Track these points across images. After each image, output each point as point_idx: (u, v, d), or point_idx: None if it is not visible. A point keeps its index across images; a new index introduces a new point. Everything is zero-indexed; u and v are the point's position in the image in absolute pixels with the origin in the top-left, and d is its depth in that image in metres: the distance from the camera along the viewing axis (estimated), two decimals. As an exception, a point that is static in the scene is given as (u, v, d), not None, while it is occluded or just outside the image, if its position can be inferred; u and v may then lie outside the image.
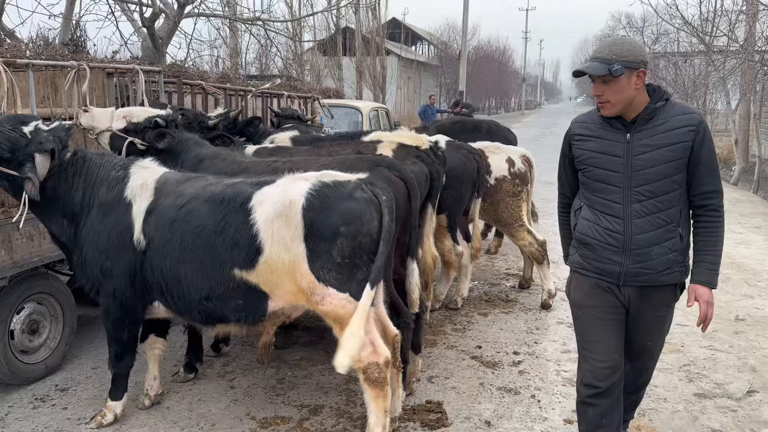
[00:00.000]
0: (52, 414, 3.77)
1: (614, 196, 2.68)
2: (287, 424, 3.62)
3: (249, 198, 3.14)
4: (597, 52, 2.65)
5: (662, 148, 2.61)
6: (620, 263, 2.69)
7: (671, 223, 2.65)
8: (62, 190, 3.42)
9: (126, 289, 3.40)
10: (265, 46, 17.05)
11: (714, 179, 2.66)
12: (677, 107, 2.69)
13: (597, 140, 2.72)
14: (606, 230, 2.70)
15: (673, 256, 2.67)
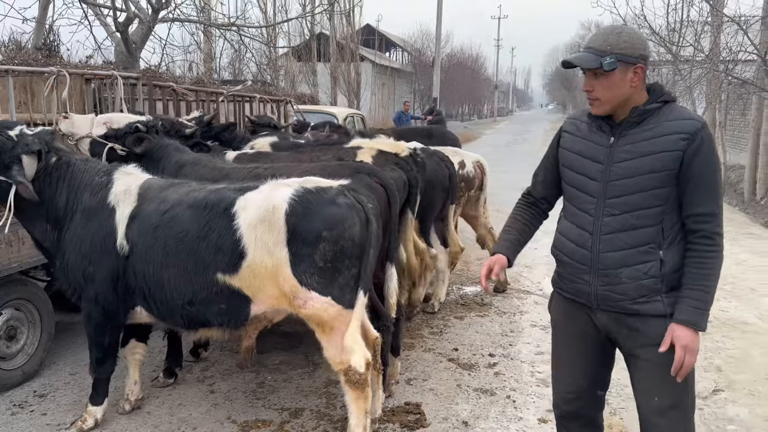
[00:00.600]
0: (31, 420, 3.76)
1: (587, 207, 2.37)
2: (268, 427, 3.67)
3: (232, 203, 3.19)
4: (591, 42, 2.29)
5: (646, 156, 2.24)
6: (589, 283, 2.38)
7: (648, 244, 2.27)
8: (47, 195, 3.44)
9: (108, 294, 3.42)
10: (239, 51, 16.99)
11: (709, 200, 2.23)
12: (677, 111, 2.29)
13: (581, 141, 2.41)
14: (575, 245, 2.40)
15: (650, 282, 2.27)
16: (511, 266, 2.59)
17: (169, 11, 12.82)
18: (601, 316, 2.40)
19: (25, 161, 3.30)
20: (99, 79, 4.91)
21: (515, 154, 23.58)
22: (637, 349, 2.36)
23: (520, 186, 2.85)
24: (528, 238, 2.64)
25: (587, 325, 2.46)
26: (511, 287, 6.55)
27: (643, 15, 15.21)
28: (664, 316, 2.27)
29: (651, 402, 2.35)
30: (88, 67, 5.74)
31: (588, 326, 2.46)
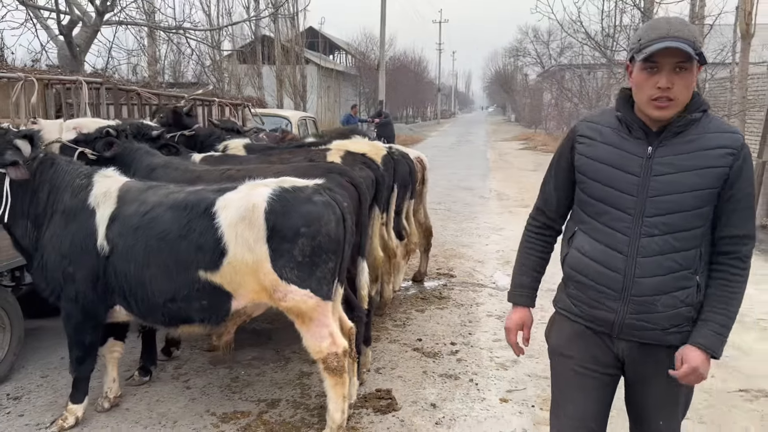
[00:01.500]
0: (9, 421, 3.80)
1: (620, 225, 2.09)
2: (247, 417, 3.83)
3: (212, 203, 3.35)
4: (674, 30, 1.96)
5: (690, 172, 2.02)
6: (615, 311, 2.11)
7: (688, 269, 2.06)
8: (30, 189, 3.51)
9: (88, 293, 3.52)
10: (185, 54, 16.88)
11: (749, 222, 2.09)
12: (715, 122, 2.09)
13: (608, 149, 2.12)
14: (603, 266, 2.12)
15: (685, 311, 2.08)
16: None
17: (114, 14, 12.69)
18: (620, 343, 2.17)
19: (18, 143, 3.45)
20: (61, 84, 4.94)
21: (461, 155, 24.16)
22: (651, 377, 2.18)
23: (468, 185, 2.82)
24: (544, 272, 2.41)
25: (600, 351, 2.20)
26: (466, 282, 6.88)
27: (580, 21, 15.93)
28: None
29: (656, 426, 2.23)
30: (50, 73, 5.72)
31: (601, 353, 2.20)
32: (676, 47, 1.92)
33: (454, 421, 3.83)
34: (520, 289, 2.40)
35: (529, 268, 2.38)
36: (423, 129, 47.21)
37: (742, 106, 11.78)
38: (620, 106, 2.16)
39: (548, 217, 2.35)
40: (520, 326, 2.37)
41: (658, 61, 1.97)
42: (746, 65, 11.79)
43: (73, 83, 4.86)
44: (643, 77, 2.01)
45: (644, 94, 2.02)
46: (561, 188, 2.29)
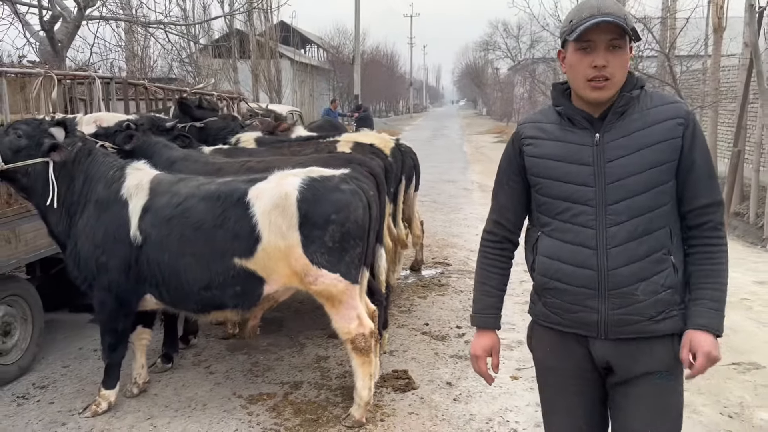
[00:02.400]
0: (40, 408, 3.90)
1: (584, 219, 1.98)
2: (273, 398, 3.99)
3: (245, 193, 3.50)
4: (605, 8, 1.90)
5: (644, 149, 1.94)
6: (597, 310, 1.98)
7: (661, 250, 1.96)
8: (68, 176, 3.64)
9: (121, 282, 3.64)
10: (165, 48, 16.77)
11: (713, 189, 1.99)
12: (656, 96, 2.03)
13: (556, 144, 2.03)
14: (574, 266, 2.00)
15: (667, 294, 1.96)
16: None
17: (95, 8, 12.59)
18: (601, 345, 2.02)
19: (53, 131, 3.61)
20: (70, 79, 5.01)
21: (438, 148, 24.41)
22: (637, 378, 2.01)
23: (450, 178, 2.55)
24: (506, 288, 2.26)
25: (583, 359, 2.08)
26: (462, 270, 7.10)
27: (557, 15, 16.23)
28: (674, 334, 1.98)
29: None
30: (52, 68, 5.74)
31: (583, 360, 2.08)
32: (609, 21, 1.87)
33: (470, 397, 4.05)
34: (485, 312, 2.21)
35: (491, 287, 2.20)
36: (397, 123, 47.42)
37: (715, 98, 12.21)
38: (558, 100, 2.08)
39: (506, 229, 2.18)
40: (488, 352, 2.19)
41: (592, 39, 1.91)
42: (718, 58, 12.22)
43: (86, 78, 4.93)
44: (578, 58, 1.94)
45: (580, 75, 1.94)
46: (515, 196, 2.15)
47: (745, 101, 10.45)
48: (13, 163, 3.60)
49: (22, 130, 3.63)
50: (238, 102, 8.57)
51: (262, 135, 5.48)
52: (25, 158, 3.60)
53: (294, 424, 3.67)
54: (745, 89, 10.36)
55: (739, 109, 10.58)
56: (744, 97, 10.41)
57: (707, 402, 4.01)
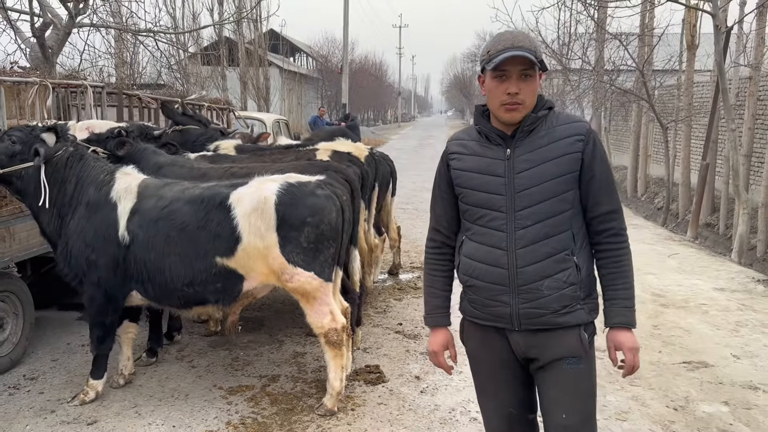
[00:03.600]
0: (31, 397, 4.14)
1: (497, 223, 2.26)
2: (252, 390, 4.25)
3: (227, 197, 3.78)
4: (517, 41, 2.18)
5: (547, 162, 2.21)
6: (509, 304, 2.24)
7: (563, 251, 2.21)
8: (59, 179, 3.88)
9: (109, 279, 3.90)
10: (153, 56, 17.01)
11: (612, 198, 2.27)
12: (562, 117, 2.30)
13: (475, 158, 2.31)
14: (489, 265, 2.26)
15: (570, 290, 2.21)
16: None
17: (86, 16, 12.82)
18: (518, 337, 2.28)
19: (44, 136, 3.88)
20: (64, 87, 5.26)
21: (423, 158, 24.72)
22: (551, 363, 2.26)
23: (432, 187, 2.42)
24: (452, 288, 2.49)
25: (504, 350, 2.33)
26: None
27: (538, 30, 16.70)
28: (580, 325, 2.23)
29: (559, 419, 2.27)
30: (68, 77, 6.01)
31: (505, 351, 2.33)
32: (521, 55, 2.14)
33: (436, 389, 4.34)
34: (436, 312, 2.46)
35: (438, 289, 2.46)
36: (384, 132, 47.81)
37: (688, 112, 12.65)
38: (478, 120, 2.35)
39: (443, 234, 2.44)
40: (444, 347, 2.46)
41: (507, 69, 2.16)
42: (692, 74, 12.69)
43: (78, 87, 5.19)
44: (494, 85, 2.20)
45: (496, 100, 2.21)
46: (448, 206, 2.40)
47: (713, 116, 10.87)
48: (8, 168, 3.85)
49: (16, 137, 3.88)
50: (228, 112, 8.83)
51: (240, 143, 5.75)
52: (19, 163, 3.86)
53: (270, 412, 3.94)
54: (713, 105, 10.78)
55: (708, 123, 11.01)
56: (712, 112, 10.84)
57: (655, 396, 4.33)
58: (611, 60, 14.84)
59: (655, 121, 13.85)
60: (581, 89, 17.34)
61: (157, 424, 3.80)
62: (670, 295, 6.79)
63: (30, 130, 3.90)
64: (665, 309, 6.29)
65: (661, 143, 13.77)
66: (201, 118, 6.64)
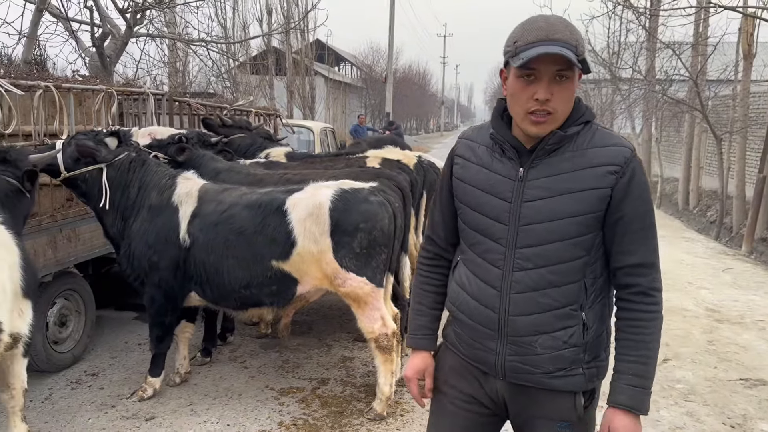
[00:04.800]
0: (92, 392, 4.30)
1: (493, 257, 1.83)
2: (302, 392, 4.33)
3: (283, 203, 3.87)
4: (554, 32, 1.68)
5: (565, 195, 1.74)
6: (495, 351, 1.85)
7: (568, 306, 1.78)
8: (122, 183, 4.04)
9: (170, 280, 4.03)
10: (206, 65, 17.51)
11: (644, 247, 1.77)
12: (600, 135, 1.78)
13: (481, 171, 1.86)
14: (479, 303, 1.86)
15: (570, 353, 1.79)
16: None
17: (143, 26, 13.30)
18: (501, 385, 1.90)
19: (107, 140, 4.04)
20: (126, 95, 5.47)
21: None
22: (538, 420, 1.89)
23: None
24: (443, 306, 2.09)
25: (478, 390, 1.95)
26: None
27: (588, 38, 16.51)
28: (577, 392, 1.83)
29: None
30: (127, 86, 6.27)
31: (479, 392, 1.95)
32: (556, 53, 1.64)
33: (485, 398, 4.33)
34: (420, 332, 2.08)
35: (426, 307, 2.08)
36: (427, 141, 47.86)
37: (743, 124, 12.31)
38: (495, 122, 1.86)
39: (438, 245, 2.07)
40: (422, 374, 2.05)
41: (536, 69, 1.68)
42: (748, 84, 12.34)
43: (140, 95, 5.40)
44: (519, 87, 1.72)
45: (520, 107, 1.73)
46: (447, 214, 2.00)
47: (772, 127, 10.55)
48: (73, 171, 4.02)
49: (82, 142, 4.06)
50: (275, 118, 9.02)
51: (291, 150, 5.86)
52: (83, 167, 4.02)
53: (321, 415, 4.01)
54: (772, 116, 10.46)
55: (766, 135, 10.69)
56: (770, 123, 10.51)
57: (711, 413, 4.23)
58: (663, 69, 14.56)
59: (709, 132, 13.51)
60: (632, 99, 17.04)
61: (212, 422, 3.90)
62: (725, 310, 6.63)
63: (94, 135, 4.07)
64: (720, 324, 6.14)
65: (715, 155, 13.43)
66: (241, 124, 6.77)
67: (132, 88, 5.59)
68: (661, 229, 9.75)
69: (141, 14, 12.57)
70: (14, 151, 3.46)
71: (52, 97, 5.20)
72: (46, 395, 4.26)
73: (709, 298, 7.08)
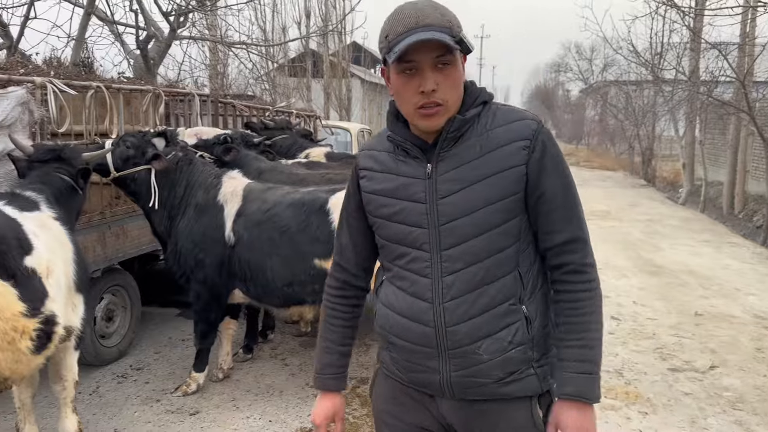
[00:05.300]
0: (137, 386, 4.40)
1: (419, 266, 1.66)
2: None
3: (326, 202, 3.90)
4: (423, 18, 1.53)
5: (479, 183, 1.60)
6: (438, 371, 1.66)
7: (506, 301, 1.62)
8: (170, 182, 4.12)
9: (215, 277, 4.09)
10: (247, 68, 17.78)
11: (571, 222, 1.64)
12: (502, 113, 1.66)
13: (388, 177, 1.70)
14: (411, 321, 1.68)
15: (518, 352, 1.63)
16: None
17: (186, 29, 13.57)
18: (450, 405, 1.71)
19: (155, 141, 4.11)
20: (173, 96, 5.58)
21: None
22: None
23: None
24: (353, 341, 1.92)
25: (428, 417, 1.76)
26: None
27: (630, 39, 16.25)
28: (532, 396, 1.66)
29: None
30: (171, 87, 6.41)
31: (427, 420, 1.76)
32: (429, 39, 1.50)
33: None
34: (327, 372, 1.87)
35: (333, 342, 1.87)
36: (464, 143, 47.64)
37: (792, 126, 11.93)
38: (391, 125, 1.71)
39: (347, 271, 1.86)
40: (331, 418, 1.86)
41: (414, 60, 1.54)
42: (797, 85, 11.96)
43: (186, 96, 5.51)
44: (402, 82, 1.58)
45: (408, 103, 1.59)
46: (356, 234, 1.82)
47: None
48: (123, 171, 4.11)
49: (130, 142, 4.14)
50: (314, 120, 9.12)
51: (330, 150, 5.90)
52: (132, 166, 4.11)
53: (361, 414, 4.02)
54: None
55: (817, 137, 10.35)
56: (822, 125, 10.17)
57: (761, 422, 4.11)
58: (708, 70, 14.21)
59: (756, 135, 13.13)
60: (675, 101, 16.67)
61: (255, 417, 3.95)
62: (775, 317, 6.43)
63: (142, 135, 4.16)
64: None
65: (762, 158, 13.05)
66: (282, 125, 6.83)
67: (178, 89, 5.70)
68: (706, 233, 9.58)
69: (184, 17, 12.84)
70: (69, 149, 3.56)
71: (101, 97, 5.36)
72: (94, 388, 4.37)
73: (757, 304, 6.87)
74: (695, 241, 10.64)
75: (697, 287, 7.47)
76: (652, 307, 6.66)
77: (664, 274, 8.18)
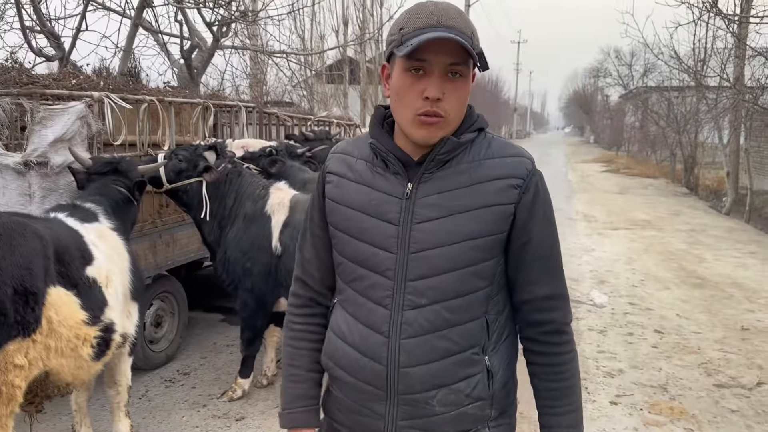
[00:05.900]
0: (184, 391, 4.52)
1: (379, 294, 1.48)
2: (385, 401, 4.39)
3: (371, 213, 3.96)
4: (447, 18, 1.40)
5: (462, 214, 1.45)
6: (383, 417, 1.50)
7: (470, 349, 1.47)
8: (220, 194, 4.24)
9: (262, 286, 4.19)
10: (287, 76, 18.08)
11: (555, 277, 1.52)
12: (497, 145, 1.52)
13: (361, 189, 1.52)
14: (362, 354, 1.51)
15: (475, 408, 1.48)
16: None
17: (228, 38, 13.88)
18: None
19: (206, 155, 4.22)
20: (220, 107, 5.73)
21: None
22: None
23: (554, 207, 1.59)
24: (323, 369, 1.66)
25: None
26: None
27: (672, 45, 15.97)
28: None
29: None
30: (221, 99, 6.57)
31: None
32: (451, 38, 1.36)
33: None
34: (297, 405, 1.64)
35: (302, 368, 1.65)
36: (500, 149, 47.26)
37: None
38: (375, 132, 1.55)
39: (311, 288, 1.67)
40: None
41: (426, 59, 1.40)
42: None
43: (233, 108, 5.65)
44: (406, 82, 1.42)
45: (407, 107, 1.43)
46: (319, 247, 1.63)
47: None
48: (175, 183, 4.24)
49: (182, 155, 4.26)
50: (354, 129, 9.23)
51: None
52: (184, 179, 4.23)
53: None
54: None
55: None
56: None
57: (813, 442, 4.02)
58: (754, 77, 13.89)
59: (804, 144, 12.78)
60: (719, 108, 16.32)
61: (299, 425, 4.02)
62: (825, 333, 6.25)
63: (194, 149, 4.29)
64: (820, 348, 5.81)
65: (811, 167, 12.68)
66: (321, 136, 6.91)
67: (225, 101, 5.85)
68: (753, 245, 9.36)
69: (227, 27, 13.13)
70: (125, 162, 3.70)
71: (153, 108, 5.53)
72: (143, 392, 4.50)
73: (807, 320, 6.70)
74: (740, 252, 10.40)
75: (743, 300, 7.31)
76: (696, 320, 6.54)
77: (708, 286, 8.02)
